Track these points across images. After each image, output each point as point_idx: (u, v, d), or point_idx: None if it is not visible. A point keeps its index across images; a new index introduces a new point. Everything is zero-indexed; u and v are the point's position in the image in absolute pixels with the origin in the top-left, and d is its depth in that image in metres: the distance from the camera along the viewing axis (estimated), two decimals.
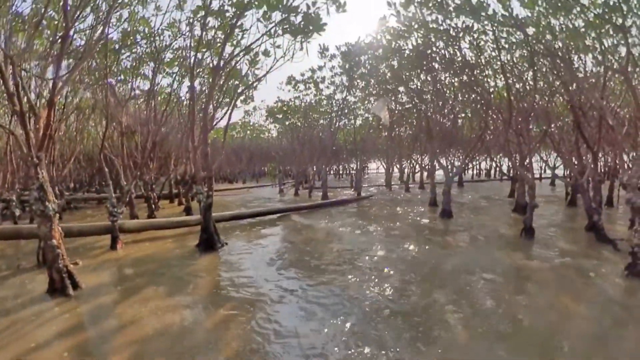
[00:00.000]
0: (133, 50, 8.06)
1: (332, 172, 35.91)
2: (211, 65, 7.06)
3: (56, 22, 6.27)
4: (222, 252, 6.23)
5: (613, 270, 4.89)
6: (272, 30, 6.34)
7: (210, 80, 6.82)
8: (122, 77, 8.73)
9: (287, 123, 16.78)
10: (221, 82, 7.40)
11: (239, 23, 6.45)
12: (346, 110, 14.48)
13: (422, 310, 3.80)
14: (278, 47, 6.83)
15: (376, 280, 4.72)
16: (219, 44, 6.80)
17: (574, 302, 4.01)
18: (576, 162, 8.26)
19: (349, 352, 3.02)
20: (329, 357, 2.96)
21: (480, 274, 4.92)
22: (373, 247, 6.49)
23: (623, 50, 6.39)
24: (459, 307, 3.87)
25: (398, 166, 18.42)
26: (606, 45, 5.95)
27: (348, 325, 3.49)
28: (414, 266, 5.33)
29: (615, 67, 6.00)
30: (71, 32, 5.52)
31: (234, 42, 6.77)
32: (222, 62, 6.45)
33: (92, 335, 3.39)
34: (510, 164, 8.31)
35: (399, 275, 4.92)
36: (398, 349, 3.05)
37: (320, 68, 12.45)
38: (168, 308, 3.92)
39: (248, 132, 25.48)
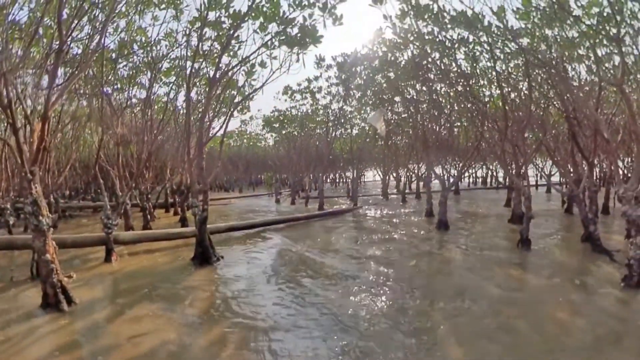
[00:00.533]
0: (130, 60, 8.07)
1: (329, 181, 35.97)
2: (208, 75, 7.05)
3: (52, 31, 6.25)
4: (217, 266, 6.16)
5: (609, 282, 4.87)
6: (269, 42, 6.37)
7: (207, 90, 6.80)
8: (119, 85, 8.72)
9: (283, 132, 16.82)
10: (218, 93, 7.41)
11: (235, 34, 6.50)
12: (342, 120, 14.53)
13: (417, 327, 3.77)
14: (275, 58, 6.85)
15: (373, 297, 4.67)
16: (215, 55, 6.82)
17: (570, 314, 4.00)
18: (572, 171, 8.31)
19: None
20: None
21: (478, 287, 4.90)
22: (369, 261, 6.45)
23: (617, 59, 6.46)
24: (456, 323, 3.84)
25: (395, 175, 18.47)
26: (600, 55, 6.00)
27: (344, 343, 3.45)
28: (411, 282, 5.29)
29: (609, 76, 6.04)
30: (67, 43, 5.54)
31: (231, 53, 6.79)
32: (218, 74, 6.45)
33: (86, 353, 3.33)
34: (504, 174, 8.33)
35: (395, 292, 4.89)
36: None
37: (316, 78, 12.53)
38: (163, 325, 3.87)
39: (245, 140, 25.47)
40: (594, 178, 11.29)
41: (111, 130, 7.73)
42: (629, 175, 8.79)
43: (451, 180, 10.98)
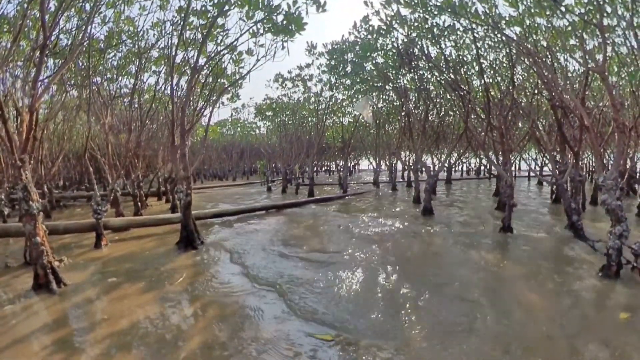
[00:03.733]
0: (119, 50, 8.13)
1: (323, 169, 36.09)
2: (189, 63, 7.12)
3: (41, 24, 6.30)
4: (201, 249, 6.40)
5: (587, 271, 4.89)
6: (255, 29, 6.46)
7: (195, 78, 6.86)
8: (109, 75, 8.77)
9: (276, 120, 16.89)
10: (203, 81, 7.51)
11: (221, 23, 6.58)
12: (335, 108, 14.60)
13: (384, 305, 3.99)
14: (261, 46, 6.95)
15: (352, 276, 4.95)
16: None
17: (542, 302, 4.00)
18: (560, 161, 8.39)
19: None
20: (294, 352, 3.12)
21: (450, 270, 5.09)
22: (352, 244, 6.66)
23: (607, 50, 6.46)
24: (422, 301, 4.04)
25: (387, 164, 18.59)
26: (591, 46, 6.00)
27: (321, 318, 3.68)
28: (388, 261, 5.53)
29: (592, 64, 6.03)
30: (53, 36, 5.63)
31: (217, 41, 6.87)
32: (201, 61, 6.54)
33: (72, 329, 3.54)
34: (488, 162, 8.41)
35: (372, 270, 5.15)
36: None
37: (308, 66, 12.57)
38: (145, 303, 4.10)
39: (238, 129, 25.48)
40: (584, 169, 11.33)
41: (101, 120, 7.83)
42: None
43: (437, 168, 11.03)
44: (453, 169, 25.76)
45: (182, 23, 6.23)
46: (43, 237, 4.59)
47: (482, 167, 27.00)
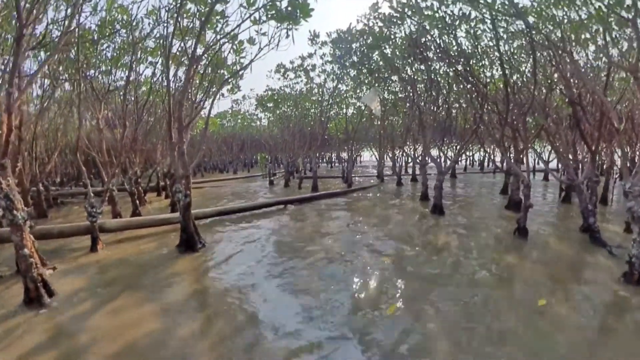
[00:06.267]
0: (113, 40, 7.66)
1: (325, 161, 35.72)
2: (187, 53, 6.68)
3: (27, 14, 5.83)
4: (202, 252, 6.10)
5: (607, 276, 4.77)
6: (257, 16, 6.02)
7: (193, 69, 6.42)
8: (103, 67, 8.32)
9: (277, 112, 16.41)
10: (202, 72, 7.10)
11: (220, 9, 6.14)
12: (338, 99, 14.14)
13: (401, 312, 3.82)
14: (264, 34, 6.51)
15: (361, 283, 4.73)
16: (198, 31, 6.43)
17: (563, 307, 3.92)
18: (572, 159, 8.03)
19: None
20: None
21: (468, 275, 4.86)
22: (361, 247, 6.35)
23: (625, 45, 6.06)
24: (440, 307, 3.86)
25: (391, 156, 18.20)
26: (609, 39, 5.63)
27: (327, 325, 3.54)
28: (402, 267, 5.27)
29: (625, 62, 5.64)
30: (42, 27, 5.20)
31: (217, 29, 6.44)
32: (199, 51, 6.12)
33: (66, 349, 3.26)
34: (502, 159, 8.02)
35: (386, 274, 4.96)
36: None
37: (310, 55, 12.07)
38: (145, 315, 3.84)
39: (239, 120, 24.96)
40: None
41: (95, 115, 7.41)
42: (628, 165, 8.40)
43: (448, 163, 10.70)
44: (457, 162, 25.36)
45: (177, 10, 5.77)
46: (31, 248, 4.25)
47: (488, 161, 26.59)
